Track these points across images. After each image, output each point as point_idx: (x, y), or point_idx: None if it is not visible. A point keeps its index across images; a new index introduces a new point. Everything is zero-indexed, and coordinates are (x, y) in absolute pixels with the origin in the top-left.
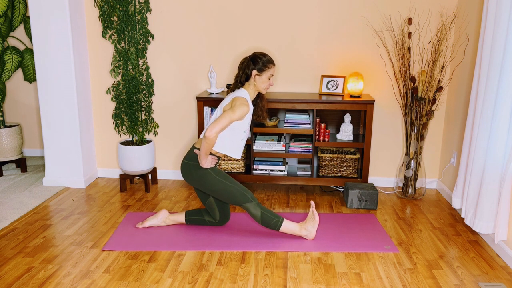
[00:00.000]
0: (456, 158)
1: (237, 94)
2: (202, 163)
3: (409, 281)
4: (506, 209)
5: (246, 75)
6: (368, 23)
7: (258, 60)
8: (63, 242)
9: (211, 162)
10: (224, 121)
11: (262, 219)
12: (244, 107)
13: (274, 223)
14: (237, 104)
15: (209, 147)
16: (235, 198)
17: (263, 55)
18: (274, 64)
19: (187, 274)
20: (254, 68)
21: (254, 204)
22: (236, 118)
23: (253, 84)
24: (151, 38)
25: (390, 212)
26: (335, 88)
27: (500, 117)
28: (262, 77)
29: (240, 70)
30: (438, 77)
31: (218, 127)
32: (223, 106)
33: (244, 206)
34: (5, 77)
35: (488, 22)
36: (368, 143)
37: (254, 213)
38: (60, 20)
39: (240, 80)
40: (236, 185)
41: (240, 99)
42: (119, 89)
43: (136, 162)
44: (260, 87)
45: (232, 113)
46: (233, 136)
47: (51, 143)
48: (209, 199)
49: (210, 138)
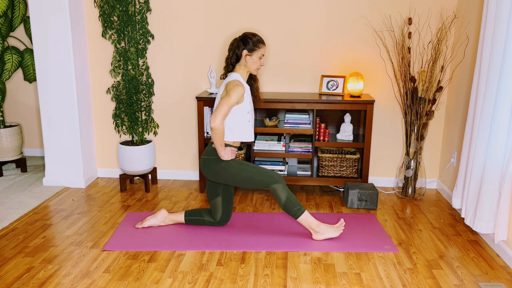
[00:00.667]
0: (456, 158)
1: (229, 79)
2: (221, 155)
3: (409, 281)
4: (506, 209)
5: (237, 56)
6: (368, 23)
7: (248, 40)
8: (63, 242)
9: (230, 153)
10: (224, 108)
11: (285, 203)
12: (238, 88)
13: (295, 211)
14: (231, 87)
15: (220, 137)
16: (262, 182)
17: (253, 35)
18: (264, 44)
19: (187, 274)
20: (245, 48)
21: (282, 186)
22: (234, 101)
23: (243, 65)
24: (151, 38)
25: (390, 212)
26: (335, 88)
27: (500, 117)
28: (252, 57)
29: (230, 51)
30: (438, 77)
31: (219, 114)
32: (219, 95)
33: (271, 187)
34: (5, 77)
35: (488, 22)
36: (368, 143)
37: (280, 196)
38: (60, 20)
39: (231, 61)
40: (261, 169)
41: (233, 82)
42: (119, 89)
43: (136, 162)
44: (251, 68)
45: (228, 98)
46: (238, 119)
47: (51, 143)
48: (216, 198)
49: (216, 127)
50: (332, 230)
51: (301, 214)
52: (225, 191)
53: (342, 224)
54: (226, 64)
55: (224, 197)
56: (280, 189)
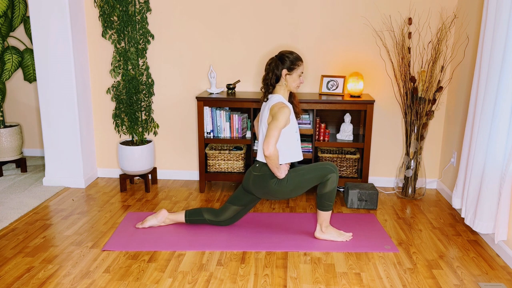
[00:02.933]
0: (456, 158)
1: (271, 103)
2: (278, 176)
3: (409, 281)
4: (506, 209)
5: (276, 76)
6: (368, 23)
7: (286, 59)
8: (63, 242)
9: (285, 170)
10: (275, 133)
11: (326, 194)
12: (284, 110)
13: (327, 204)
14: (276, 110)
15: (276, 162)
16: (318, 177)
17: (290, 53)
18: (302, 61)
19: (187, 274)
20: (284, 68)
21: (335, 176)
22: (283, 124)
23: (283, 84)
24: (151, 38)
25: (390, 212)
26: (335, 88)
27: (500, 117)
28: (292, 76)
29: (269, 72)
30: (438, 77)
31: (272, 141)
32: (265, 121)
33: (327, 177)
34: (5, 77)
35: (488, 22)
36: (368, 143)
37: (329, 186)
38: (60, 20)
39: (271, 82)
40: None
41: (278, 104)
42: (119, 89)
43: (136, 162)
44: (292, 86)
45: (277, 122)
46: (289, 141)
47: (51, 143)
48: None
49: (271, 153)
50: (337, 235)
51: (327, 210)
52: (248, 205)
53: (349, 237)
54: (265, 85)
55: (244, 209)
56: (332, 179)
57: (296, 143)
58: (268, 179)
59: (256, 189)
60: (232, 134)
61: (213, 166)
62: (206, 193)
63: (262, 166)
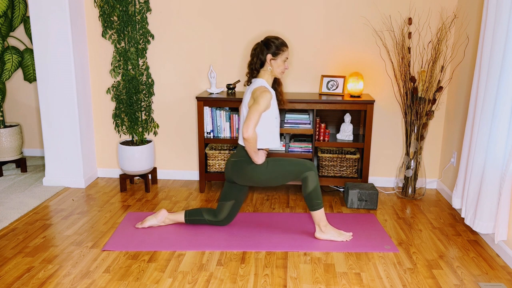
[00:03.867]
0: (456, 158)
1: (254, 86)
2: (255, 160)
3: (409, 281)
4: (506, 209)
5: (261, 61)
6: (368, 23)
7: (272, 44)
8: (63, 242)
9: (263, 155)
10: (254, 116)
11: (311, 193)
12: (266, 94)
13: (316, 203)
14: (258, 94)
15: (254, 145)
16: (297, 171)
17: (276, 38)
18: (287, 46)
19: (187, 274)
20: (269, 53)
21: (314, 174)
22: (263, 108)
23: (268, 69)
24: (151, 38)
25: (390, 212)
26: (335, 88)
27: (500, 117)
28: (277, 61)
29: (253, 57)
30: (438, 77)
31: (251, 124)
32: (246, 103)
33: (304, 175)
34: (5, 77)
35: (488, 22)
36: (368, 143)
37: (310, 184)
38: (60, 20)
39: (255, 67)
40: (292, 159)
41: (259, 88)
42: (119, 89)
43: (136, 162)
44: (276, 72)
45: (257, 106)
46: (267, 126)
47: (51, 143)
48: (229, 202)
49: (249, 137)
50: (337, 234)
51: (319, 208)
52: (239, 198)
53: (349, 236)
54: (249, 70)
55: (236, 202)
56: (312, 177)
57: (275, 130)
58: (245, 164)
59: (235, 175)
60: (232, 134)
61: (213, 166)
62: (206, 193)
63: (240, 151)
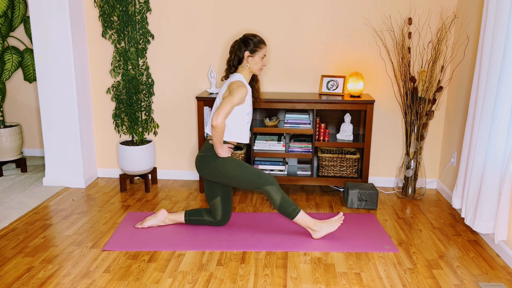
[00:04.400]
0: (456, 158)
1: (232, 79)
2: (219, 152)
3: (409, 281)
4: (506, 209)
5: (239, 58)
6: (368, 23)
7: (249, 41)
8: (63, 242)
9: (227, 150)
10: (226, 107)
11: (280, 204)
12: (242, 89)
13: (291, 211)
14: (234, 87)
15: (221, 135)
16: (255, 182)
17: (254, 36)
18: (265, 44)
19: (187, 274)
20: (246, 50)
21: (275, 188)
22: (237, 101)
23: (246, 66)
24: (151, 38)
25: (390, 212)
26: (335, 88)
27: (500, 117)
28: (255, 58)
29: (231, 54)
30: (438, 77)
31: (222, 113)
32: (221, 95)
33: (264, 189)
34: (5, 77)
35: (488, 22)
36: (368, 143)
37: (274, 197)
38: (60, 20)
39: (233, 63)
40: (256, 170)
41: (236, 82)
42: (119, 89)
43: (136, 162)
44: (254, 69)
45: (231, 98)
46: (237, 120)
47: (51, 143)
48: (216, 199)
49: (218, 126)
50: (329, 225)
51: (297, 214)
52: (224, 191)
53: (341, 218)
54: (228, 66)
55: (223, 197)
56: (273, 191)
57: (245, 126)
58: (209, 159)
59: (201, 169)
60: None
61: None
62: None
63: (206, 145)
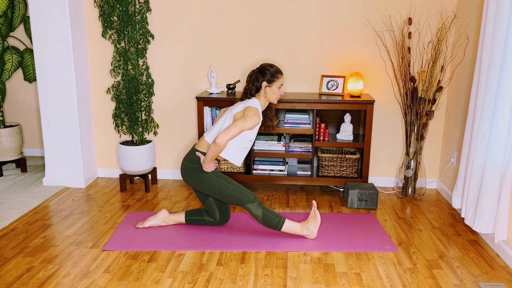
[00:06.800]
0: (456, 158)
1: (249, 104)
2: (205, 167)
3: (409, 281)
4: (506, 209)
5: (256, 88)
6: (368, 23)
7: (267, 72)
8: (63, 242)
9: (213, 166)
10: (236, 130)
11: (263, 219)
12: (255, 118)
13: (275, 223)
14: (250, 114)
15: (217, 154)
16: (236, 199)
17: (271, 66)
18: (282, 73)
19: (187, 274)
20: (264, 80)
21: (255, 205)
22: (248, 127)
23: (263, 95)
24: (151, 38)
25: (390, 212)
26: (335, 88)
27: (500, 117)
28: (272, 88)
29: (249, 83)
30: (438, 77)
31: (229, 135)
32: (234, 114)
33: (245, 206)
34: (5, 77)
35: (488, 22)
36: (368, 143)
37: (256, 213)
38: (60, 20)
39: (250, 92)
40: (237, 187)
41: (253, 110)
42: (119, 89)
43: (136, 162)
44: (271, 98)
45: (244, 123)
46: (239, 144)
47: (51, 143)
48: (208, 199)
49: (220, 145)
50: (313, 221)
51: (282, 224)
52: None
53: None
54: (244, 93)
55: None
56: (254, 208)
57: (243, 150)
58: (193, 172)
59: (184, 177)
60: None
61: None
62: None
63: (192, 155)
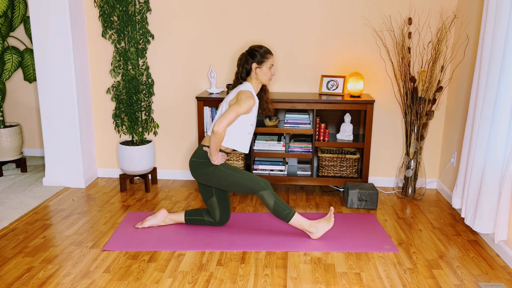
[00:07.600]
0: (456, 158)
1: (241, 88)
2: (213, 160)
3: (409, 281)
4: (506, 209)
5: (247, 70)
6: (368, 23)
7: (256, 53)
8: (63, 242)
9: (221, 158)
10: (231, 115)
11: (274, 208)
12: (250, 100)
13: (285, 214)
14: (243, 97)
15: (219, 142)
16: (249, 188)
17: (260, 47)
18: (272, 53)
19: (187, 274)
20: (253, 61)
21: (269, 193)
22: (243, 111)
23: (255, 77)
24: (151, 38)
25: (390, 212)
26: (335, 88)
27: (500, 117)
28: (262, 69)
29: (239, 67)
30: (438, 77)
31: (225, 121)
32: (228, 101)
33: (259, 194)
34: (5, 77)
35: (488, 22)
36: (368, 143)
37: (268, 201)
38: (60, 20)
39: (241, 76)
40: (248, 176)
41: (246, 92)
42: (119, 89)
43: (136, 162)
44: (263, 79)
45: (238, 107)
46: (240, 130)
47: (51, 143)
48: (211, 198)
49: (219, 132)
50: (325, 223)
51: (291, 217)
52: (219, 192)
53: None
54: (236, 78)
55: (219, 197)
56: (267, 195)
57: (247, 136)
58: (202, 166)
59: (194, 174)
60: None
61: None
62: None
63: (199, 150)
